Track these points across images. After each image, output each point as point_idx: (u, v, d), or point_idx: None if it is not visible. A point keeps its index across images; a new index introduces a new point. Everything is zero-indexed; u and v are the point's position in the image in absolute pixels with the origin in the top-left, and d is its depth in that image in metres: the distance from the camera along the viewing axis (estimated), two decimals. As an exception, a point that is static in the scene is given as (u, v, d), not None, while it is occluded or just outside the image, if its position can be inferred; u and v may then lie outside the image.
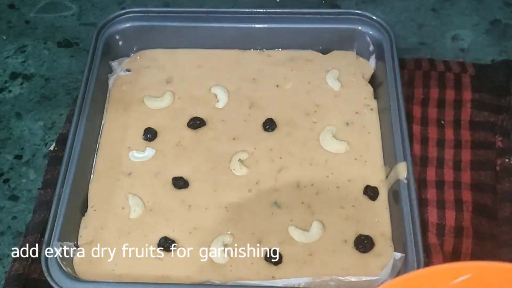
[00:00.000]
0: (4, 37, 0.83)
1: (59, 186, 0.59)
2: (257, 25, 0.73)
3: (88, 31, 0.81)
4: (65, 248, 0.57)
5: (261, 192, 0.62)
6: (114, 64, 0.73)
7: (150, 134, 0.67)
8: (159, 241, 0.59)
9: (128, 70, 0.73)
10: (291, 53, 0.74)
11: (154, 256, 0.58)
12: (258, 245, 0.58)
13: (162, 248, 0.58)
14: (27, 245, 0.61)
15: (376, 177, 0.63)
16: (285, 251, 0.58)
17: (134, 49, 0.75)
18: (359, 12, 0.72)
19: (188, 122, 0.67)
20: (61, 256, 0.55)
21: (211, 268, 0.57)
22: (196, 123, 0.67)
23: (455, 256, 0.59)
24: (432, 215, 0.62)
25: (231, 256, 0.58)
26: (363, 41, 0.72)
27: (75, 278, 0.55)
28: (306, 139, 0.66)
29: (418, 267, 0.53)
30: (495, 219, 0.61)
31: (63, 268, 0.55)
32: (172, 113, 0.69)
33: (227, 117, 0.68)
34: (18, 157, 0.70)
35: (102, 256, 0.58)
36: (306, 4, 0.85)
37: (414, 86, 0.72)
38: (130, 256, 0.58)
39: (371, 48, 0.72)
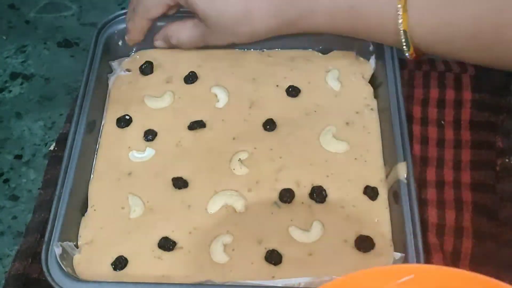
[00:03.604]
0: (4, 37, 0.83)
1: (59, 186, 0.59)
2: (257, 25, 0.73)
3: (88, 31, 0.82)
4: (65, 248, 0.57)
5: (261, 192, 0.62)
6: (114, 64, 0.73)
7: (151, 136, 0.67)
8: (160, 241, 0.59)
9: (128, 70, 0.73)
10: (291, 53, 0.74)
11: (154, 256, 0.58)
12: (258, 245, 0.58)
13: (162, 249, 0.58)
14: (27, 245, 0.61)
15: (376, 177, 0.63)
16: (285, 251, 0.58)
17: (134, 49, 0.75)
18: (359, 12, 0.72)
19: (188, 126, 0.67)
20: (61, 255, 0.56)
21: (211, 268, 0.57)
22: (196, 128, 0.67)
23: (455, 256, 0.59)
24: (432, 215, 0.62)
25: (231, 256, 0.58)
26: (363, 41, 0.72)
27: (75, 278, 0.55)
28: (306, 139, 0.66)
29: (418, 267, 0.53)
30: (495, 219, 0.61)
31: (63, 268, 0.55)
32: (172, 113, 0.69)
33: (227, 117, 0.68)
34: (18, 157, 0.71)
35: (102, 256, 0.58)
36: (306, 4, 0.84)
37: (414, 86, 0.72)
38: (130, 256, 0.58)
39: (371, 48, 0.71)
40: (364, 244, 0.58)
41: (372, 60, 0.72)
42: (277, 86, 0.71)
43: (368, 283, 0.41)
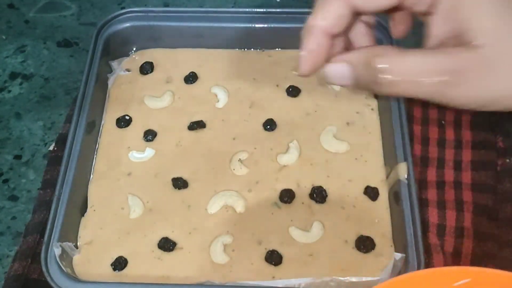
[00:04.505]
0: (4, 37, 0.83)
1: (59, 186, 0.59)
2: (257, 25, 0.73)
3: (87, 31, 0.81)
4: (64, 248, 0.56)
5: (261, 192, 0.62)
6: (114, 64, 0.73)
7: (151, 136, 0.67)
8: (159, 241, 0.59)
9: (128, 70, 0.73)
10: (291, 53, 0.74)
11: (154, 257, 0.58)
12: (258, 245, 0.58)
13: (162, 249, 0.58)
14: (27, 245, 0.61)
15: (377, 177, 0.63)
16: (285, 252, 0.58)
17: (134, 49, 0.75)
18: (360, 12, 0.72)
19: (188, 126, 0.67)
20: (60, 256, 0.55)
21: (211, 268, 0.57)
22: (196, 128, 0.67)
23: (455, 256, 0.59)
24: (433, 216, 0.62)
25: (231, 256, 0.58)
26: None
27: (74, 278, 0.55)
28: (306, 139, 0.66)
29: (419, 267, 0.53)
30: (496, 219, 0.61)
31: (63, 268, 0.55)
32: (172, 113, 0.69)
33: (227, 117, 0.68)
34: (18, 157, 0.70)
35: (102, 256, 0.58)
36: (306, 4, 0.84)
37: (414, 86, 0.71)
38: (130, 256, 0.58)
39: (372, 48, 0.71)
40: (365, 244, 0.58)
41: (373, 60, 0.72)
42: (277, 86, 0.71)
43: (423, 285, 0.40)
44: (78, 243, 0.59)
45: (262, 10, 0.72)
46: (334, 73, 0.40)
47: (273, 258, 0.57)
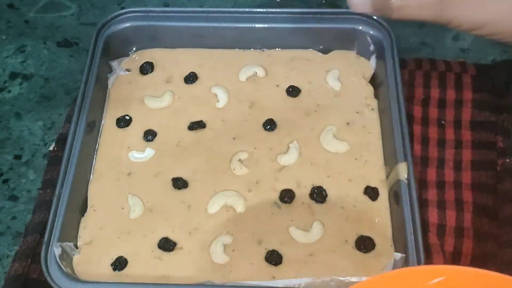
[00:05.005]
0: (4, 37, 0.83)
1: (59, 186, 0.59)
2: (257, 25, 0.73)
3: (87, 30, 0.81)
4: (64, 248, 0.56)
5: (261, 192, 0.62)
6: (114, 64, 0.73)
7: (151, 136, 0.67)
8: (160, 241, 0.59)
9: (128, 70, 0.73)
10: (291, 53, 0.74)
11: (154, 257, 0.58)
12: (258, 245, 0.58)
13: (162, 249, 0.58)
14: (27, 245, 0.61)
15: (377, 177, 0.63)
16: (286, 252, 0.58)
17: (134, 49, 0.75)
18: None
19: (188, 126, 0.67)
20: (60, 256, 0.55)
21: (211, 268, 0.57)
22: (196, 128, 0.67)
23: (455, 256, 0.59)
24: (433, 216, 0.62)
25: (231, 256, 0.58)
26: (363, 40, 0.72)
27: (74, 278, 0.55)
28: (306, 139, 0.66)
29: (419, 267, 0.53)
30: (496, 219, 0.61)
31: (63, 268, 0.55)
32: (172, 113, 0.69)
33: (227, 117, 0.68)
34: (18, 157, 0.70)
35: (102, 256, 0.58)
36: (306, 4, 0.84)
37: (414, 86, 0.72)
38: (129, 256, 0.58)
39: (372, 48, 0.71)
40: (365, 244, 0.58)
41: (373, 60, 0.72)
42: (277, 86, 0.71)
43: (398, 284, 0.40)
44: (78, 243, 0.59)
45: (262, 10, 0.72)
46: (358, 2, 0.49)
47: (273, 258, 0.57)
